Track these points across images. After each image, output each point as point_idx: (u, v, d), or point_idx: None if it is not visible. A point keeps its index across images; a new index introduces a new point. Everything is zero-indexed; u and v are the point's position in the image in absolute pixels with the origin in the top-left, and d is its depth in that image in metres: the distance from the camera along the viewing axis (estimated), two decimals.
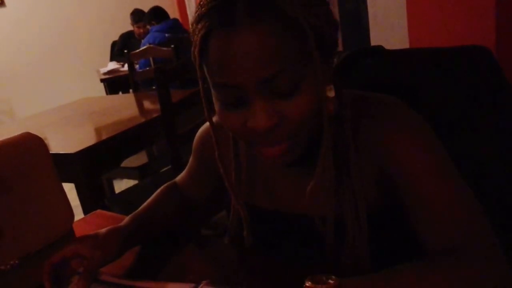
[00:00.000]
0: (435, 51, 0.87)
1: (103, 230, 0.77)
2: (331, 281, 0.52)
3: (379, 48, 0.89)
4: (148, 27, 3.87)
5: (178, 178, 0.96)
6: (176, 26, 3.67)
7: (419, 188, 0.63)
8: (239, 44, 0.56)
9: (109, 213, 1.08)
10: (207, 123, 0.77)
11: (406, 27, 1.89)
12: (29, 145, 0.78)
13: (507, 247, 0.59)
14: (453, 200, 0.62)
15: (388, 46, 0.90)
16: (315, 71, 0.59)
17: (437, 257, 0.59)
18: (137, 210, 0.87)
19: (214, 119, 0.70)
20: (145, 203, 0.89)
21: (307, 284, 0.52)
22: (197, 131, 0.88)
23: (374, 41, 2.15)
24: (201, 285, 0.70)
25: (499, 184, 0.76)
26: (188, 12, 5.21)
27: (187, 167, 0.94)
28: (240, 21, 0.56)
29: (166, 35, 3.47)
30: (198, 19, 0.60)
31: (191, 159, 0.92)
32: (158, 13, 3.81)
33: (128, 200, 2.15)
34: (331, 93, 0.63)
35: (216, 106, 0.64)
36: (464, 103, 0.79)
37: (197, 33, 0.60)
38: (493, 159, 0.78)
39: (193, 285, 0.70)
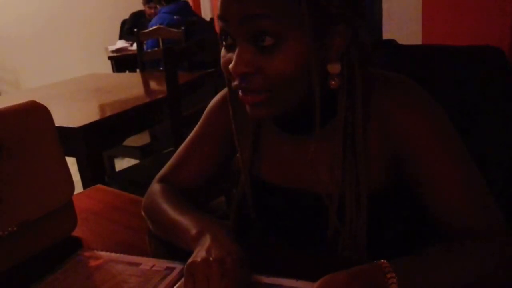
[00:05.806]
0: (448, 49, 0.87)
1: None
2: None
3: (392, 42, 0.89)
4: (158, 7, 3.83)
5: (166, 170, 0.86)
6: (185, 9, 3.62)
7: (432, 168, 0.63)
8: None
9: (109, 189, 1.08)
10: (219, 95, 0.83)
11: (420, 23, 1.87)
12: (34, 113, 0.78)
13: None
14: (465, 182, 0.63)
15: (400, 41, 0.90)
16: (301, 33, 0.59)
17: (456, 243, 0.60)
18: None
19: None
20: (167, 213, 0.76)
21: None
22: (201, 114, 0.87)
23: (386, 36, 2.14)
24: None
25: (504, 185, 0.76)
26: None
27: (181, 150, 0.86)
28: None
29: (175, 17, 3.43)
30: None
31: (196, 131, 0.85)
32: None
33: (127, 178, 2.15)
34: (334, 70, 0.63)
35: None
36: (473, 102, 0.79)
37: None
38: (500, 158, 0.77)
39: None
